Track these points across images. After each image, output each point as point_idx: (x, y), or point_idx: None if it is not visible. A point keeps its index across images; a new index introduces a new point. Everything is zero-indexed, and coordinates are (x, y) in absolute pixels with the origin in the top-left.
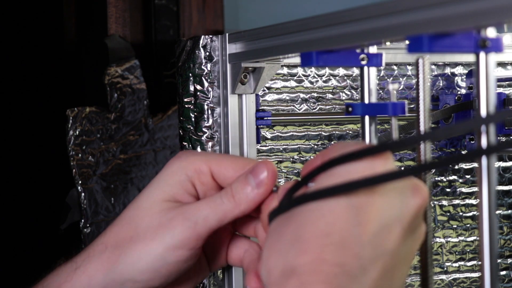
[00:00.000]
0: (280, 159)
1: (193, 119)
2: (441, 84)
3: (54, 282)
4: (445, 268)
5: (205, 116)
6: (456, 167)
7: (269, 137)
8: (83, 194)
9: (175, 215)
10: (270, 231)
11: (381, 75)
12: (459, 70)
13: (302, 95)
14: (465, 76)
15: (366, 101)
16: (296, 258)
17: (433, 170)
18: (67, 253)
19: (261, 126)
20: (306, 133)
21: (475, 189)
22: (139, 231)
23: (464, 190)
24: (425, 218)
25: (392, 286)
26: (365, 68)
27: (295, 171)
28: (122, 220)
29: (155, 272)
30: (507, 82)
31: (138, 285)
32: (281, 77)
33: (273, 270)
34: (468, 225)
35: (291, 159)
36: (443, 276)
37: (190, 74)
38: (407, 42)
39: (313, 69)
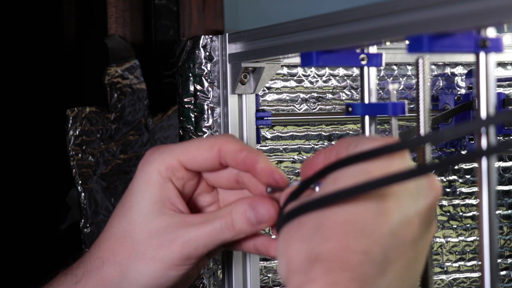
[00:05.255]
0: (280, 159)
1: (193, 119)
2: (441, 84)
3: None
4: (445, 268)
5: (205, 116)
6: (456, 167)
7: (269, 137)
8: (83, 194)
9: (175, 237)
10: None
11: (381, 75)
12: (459, 70)
13: (302, 95)
14: (465, 76)
15: (366, 101)
16: (320, 245)
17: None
18: (65, 262)
19: (261, 126)
20: (306, 133)
21: (475, 189)
22: (138, 250)
23: (464, 190)
24: None
25: (411, 279)
26: (365, 68)
27: (295, 171)
28: (116, 234)
29: (158, 286)
30: (507, 82)
31: None
32: (281, 77)
33: (295, 257)
34: (468, 225)
35: (291, 159)
36: (443, 276)
37: (190, 74)
38: (407, 42)
39: (313, 69)
